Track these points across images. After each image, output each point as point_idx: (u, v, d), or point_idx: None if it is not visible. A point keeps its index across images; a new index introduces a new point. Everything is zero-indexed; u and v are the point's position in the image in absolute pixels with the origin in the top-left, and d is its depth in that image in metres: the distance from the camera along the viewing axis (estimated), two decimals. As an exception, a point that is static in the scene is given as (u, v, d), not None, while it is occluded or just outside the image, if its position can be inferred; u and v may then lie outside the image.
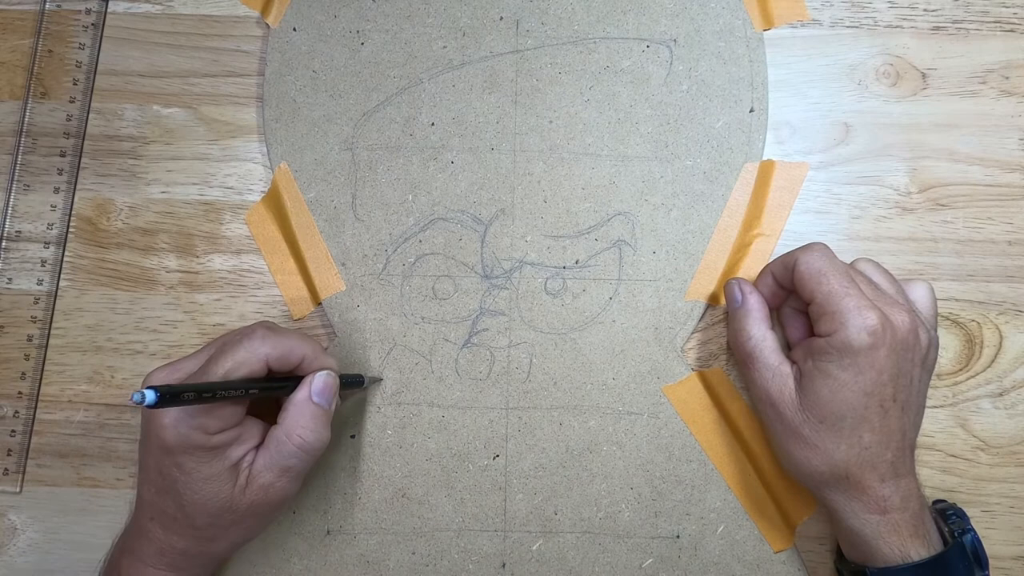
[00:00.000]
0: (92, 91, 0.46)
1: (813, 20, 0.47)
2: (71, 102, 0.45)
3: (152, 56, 0.46)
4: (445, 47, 0.46)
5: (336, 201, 0.45)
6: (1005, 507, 0.44)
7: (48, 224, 0.45)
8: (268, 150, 0.45)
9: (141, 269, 0.45)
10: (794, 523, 0.43)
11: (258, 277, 0.45)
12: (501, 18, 0.46)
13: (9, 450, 0.43)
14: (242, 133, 0.46)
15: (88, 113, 0.46)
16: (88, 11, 0.46)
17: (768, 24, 0.46)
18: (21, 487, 0.43)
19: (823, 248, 0.39)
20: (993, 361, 0.45)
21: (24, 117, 0.45)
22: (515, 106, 0.45)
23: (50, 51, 0.46)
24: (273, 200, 0.45)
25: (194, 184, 0.45)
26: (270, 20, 0.46)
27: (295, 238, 0.44)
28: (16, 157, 0.45)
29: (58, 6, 0.46)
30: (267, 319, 0.43)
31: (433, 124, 0.45)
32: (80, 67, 0.46)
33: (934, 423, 0.44)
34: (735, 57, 0.46)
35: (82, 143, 0.45)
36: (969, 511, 0.42)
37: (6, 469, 0.43)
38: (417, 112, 0.45)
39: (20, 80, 0.46)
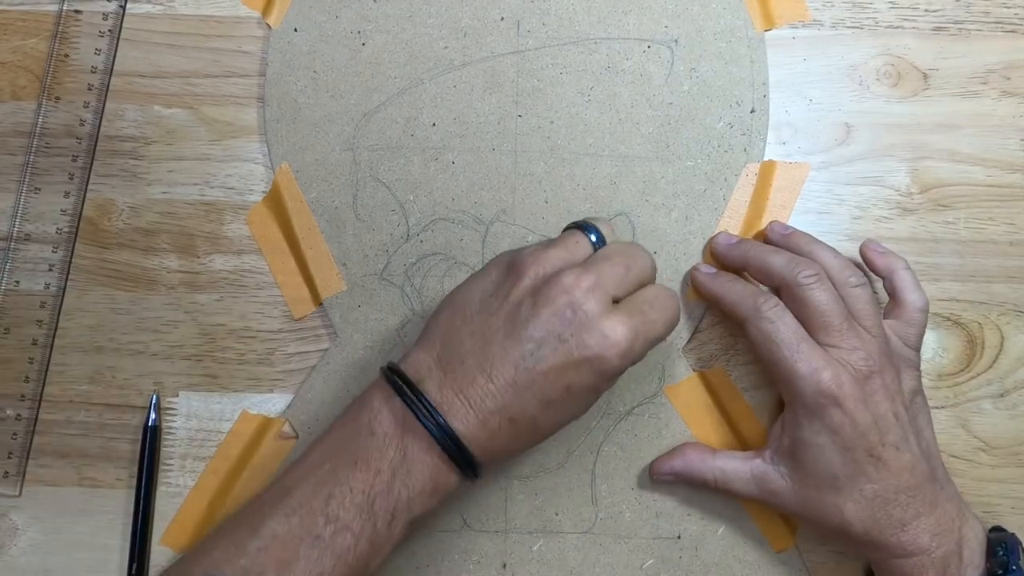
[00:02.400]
0: (106, 96, 0.46)
1: (814, 20, 0.47)
2: (85, 106, 0.45)
3: (153, 56, 0.46)
4: (446, 47, 0.46)
5: (337, 201, 0.45)
6: (1007, 508, 0.44)
7: (56, 227, 0.45)
8: (269, 150, 0.45)
9: (142, 269, 0.45)
10: (795, 523, 0.43)
11: (259, 277, 0.45)
12: (502, 18, 0.46)
13: (10, 452, 0.43)
14: (243, 133, 0.46)
15: (101, 118, 0.45)
16: (105, 16, 0.46)
17: (769, 24, 0.46)
18: (21, 488, 0.43)
19: (772, 307, 0.39)
20: (994, 362, 0.45)
21: (38, 120, 0.45)
22: (516, 106, 0.45)
23: (66, 55, 0.46)
24: (274, 200, 0.45)
25: (195, 184, 0.45)
26: (271, 21, 0.46)
27: (296, 238, 0.44)
28: (28, 159, 0.45)
29: (75, 10, 0.46)
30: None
31: (434, 124, 0.45)
32: (95, 72, 0.45)
33: (935, 424, 0.43)
34: (736, 57, 0.46)
35: (94, 147, 0.45)
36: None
37: (6, 472, 0.43)
38: (418, 112, 0.45)
39: (22, 80, 0.46)
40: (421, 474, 0.35)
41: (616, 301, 0.36)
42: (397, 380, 0.35)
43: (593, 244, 0.38)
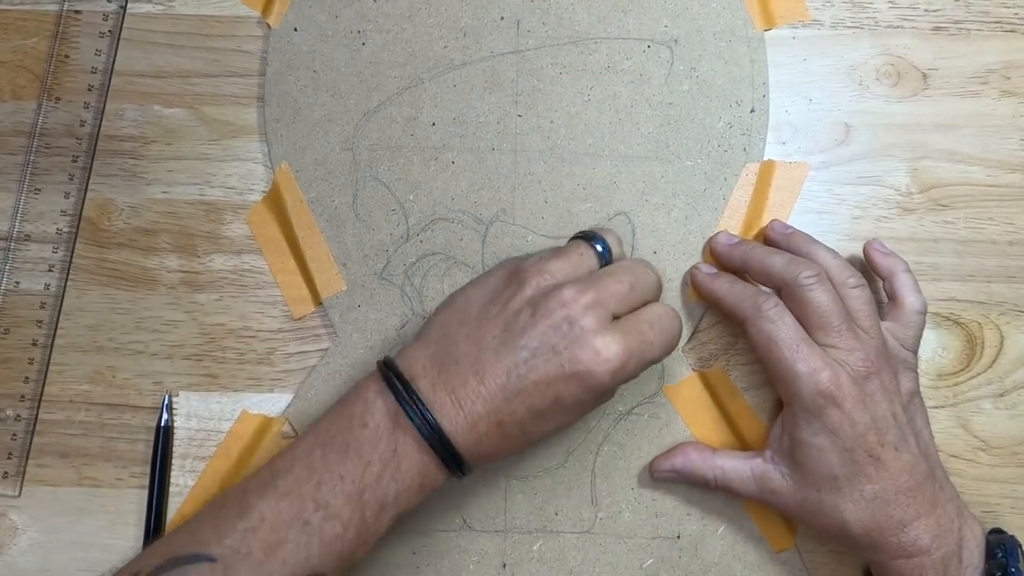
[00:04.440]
0: (107, 97, 0.46)
1: (814, 20, 0.47)
2: (85, 106, 0.45)
3: (153, 56, 0.46)
4: (446, 47, 0.46)
5: (337, 201, 0.45)
6: (1006, 508, 0.44)
7: (56, 227, 0.45)
8: (269, 150, 0.45)
9: (142, 269, 0.45)
10: (795, 523, 0.43)
11: (259, 277, 0.45)
12: (502, 18, 0.46)
13: (10, 452, 0.43)
14: (243, 133, 0.46)
15: (101, 118, 0.45)
16: (105, 16, 0.46)
17: (769, 24, 0.46)
18: (21, 488, 0.43)
19: (772, 307, 0.39)
20: (994, 362, 0.45)
21: (38, 119, 0.45)
22: (516, 106, 0.45)
23: (66, 55, 0.46)
24: (274, 200, 0.45)
25: (195, 184, 0.45)
26: (271, 20, 0.46)
27: (296, 238, 0.44)
28: (28, 159, 0.45)
29: (75, 10, 0.46)
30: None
31: (434, 124, 0.45)
32: (95, 72, 0.45)
33: (935, 423, 0.43)
34: (736, 57, 0.46)
35: (94, 147, 0.45)
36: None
37: (6, 472, 0.43)
38: (418, 112, 0.45)
39: (22, 80, 0.46)
40: (410, 470, 0.35)
41: (618, 317, 0.36)
42: (391, 375, 0.36)
43: (599, 255, 0.39)
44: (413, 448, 0.35)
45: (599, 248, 0.39)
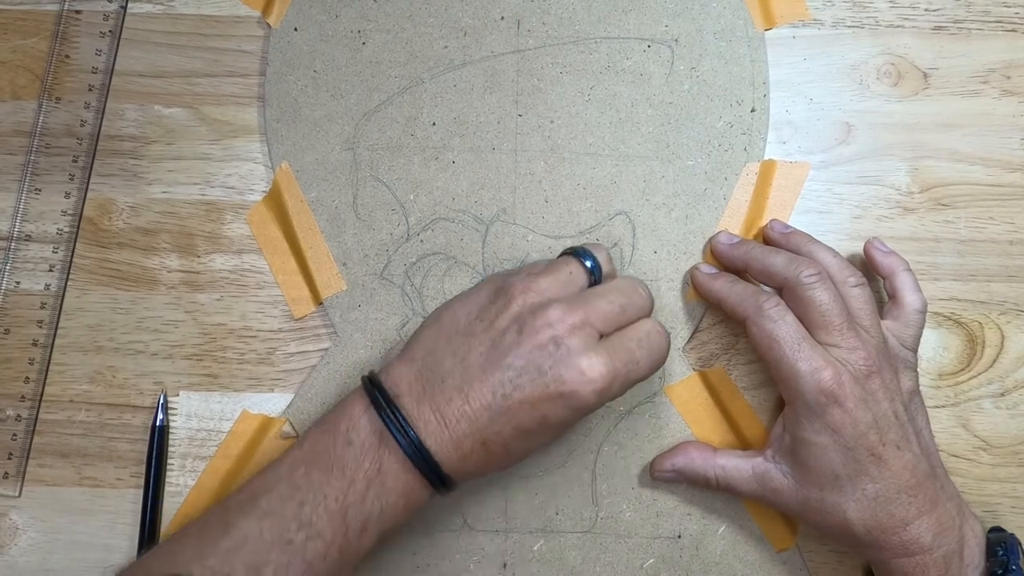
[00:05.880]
0: (107, 96, 0.46)
1: (814, 20, 0.47)
2: (85, 106, 0.45)
3: (153, 56, 0.46)
4: (446, 47, 0.46)
5: (337, 201, 0.45)
6: (1007, 507, 0.44)
7: (57, 227, 0.45)
8: (269, 150, 0.45)
9: (142, 269, 0.45)
10: (796, 523, 0.43)
11: (259, 277, 0.45)
12: (502, 18, 0.46)
13: (10, 452, 0.43)
14: (243, 133, 0.46)
15: (102, 118, 0.45)
16: (105, 16, 0.46)
17: (769, 24, 0.46)
18: (22, 488, 0.43)
19: (773, 306, 0.39)
20: (995, 361, 0.45)
21: (38, 119, 0.45)
22: (516, 106, 0.45)
23: (66, 55, 0.46)
24: (274, 200, 0.45)
25: (195, 184, 0.45)
26: (271, 20, 0.46)
27: (296, 238, 0.44)
28: (29, 159, 0.45)
29: (75, 10, 0.46)
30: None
31: (434, 124, 0.45)
32: (95, 72, 0.45)
33: (935, 423, 0.43)
34: (736, 57, 0.46)
35: (95, 147, 0.45)
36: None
37: (6, 472, 0.43)
38: (418, 112, 0.45)
39: (23, 80, 0.46)
40: (395, 488, 0.35)
41: (606, 335, 0.36)
42: (376, 393, 0.35)
43: (589, 272, 0.38)
44: (398, 466, 0.34)
45: (589, 265, 0.38)
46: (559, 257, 0.39)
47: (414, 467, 0.34)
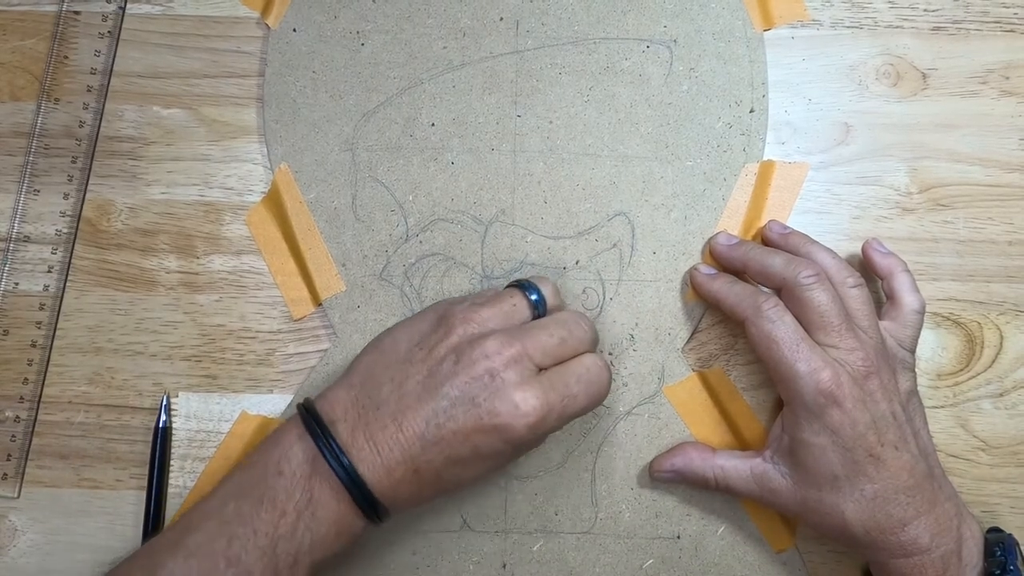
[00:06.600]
0: (106, 97, 0.46)
1: (813, 20, 0.47)
2: (84, 107, 0.45)
3: (152, 57, 0.46)
4: (445, 48, 0.46)
5: (336, 202, 0.45)
6: (1006, 507, 0.44)
7: (55, 228, 0.45)
8: (268, 151, 0.45)
9: (141, 270, 0.45)
10: (795, 523, 0.43)
11: (258, 278, 0.45)
12: (501, 19, 0.46)
13: (9, 454, 0.43)
14: (242, 134, 0.46)
15: (100, 119, 0.45)
16: (104, 16, 0.46)
17: (768, 24, 0.46)
18: (21, 489, 0.43)
19: (772, 307, 0.39)
20: (994, 361, 0.45)
21: (37, 120, 0.45)
22: (515, 106, 0.45)
23: (65, 56, 0.46)
24: (273, 201, 0.45)
25: (194, 185, 0.45)
26: (270, 21, 0.46)
27: (295, 239, 0.44)
28: (27, 160, 0.45)
29: (74, 11, 0.46)
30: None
31: (433, 125, 0.45)
32: (94, 73, 0.45)
33: (934, 423, 0.43)
34: (735, 57, 0.46)
35: (94, 148, 0.45)
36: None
37: (5, 474, 0.43)
38: (417, 113, 0.45)
39: (21, 81, 0.46)
40: (326, 518, 0.34)
41: (545, 369, 0.36)
42: (310, 419, 0.35)
43: (532, 305, 0.38)
44: (329, 495, 0.34)
45: (533, 298, 0.38)
46: (505, 288, 0.39)
47: (347, 495, 0.34)
